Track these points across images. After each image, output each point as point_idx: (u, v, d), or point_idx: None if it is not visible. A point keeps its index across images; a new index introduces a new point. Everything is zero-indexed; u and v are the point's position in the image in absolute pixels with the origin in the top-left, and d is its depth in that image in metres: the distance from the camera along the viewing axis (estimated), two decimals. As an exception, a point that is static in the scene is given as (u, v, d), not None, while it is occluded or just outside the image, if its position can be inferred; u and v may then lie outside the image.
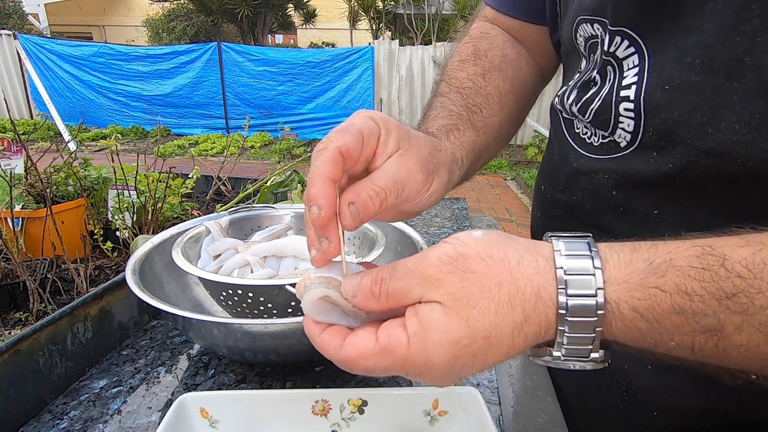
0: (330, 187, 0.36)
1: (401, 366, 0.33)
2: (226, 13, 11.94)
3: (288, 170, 1.24)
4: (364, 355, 0.34)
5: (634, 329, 0.31)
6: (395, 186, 0.38)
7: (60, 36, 11.50)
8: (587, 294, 0.31)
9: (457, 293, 0.32)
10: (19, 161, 0.99)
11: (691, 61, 0.40)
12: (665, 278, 0.30)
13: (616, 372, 0.55)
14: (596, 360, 0.33)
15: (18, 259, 0.79)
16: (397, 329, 0.33)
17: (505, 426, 0.56)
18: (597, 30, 0.49)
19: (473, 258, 0.33)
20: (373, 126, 0.38)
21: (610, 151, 0.49)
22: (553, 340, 0.33)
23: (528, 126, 7.46)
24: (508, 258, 0.33)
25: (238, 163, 1.53)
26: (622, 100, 0.46)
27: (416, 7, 10.77)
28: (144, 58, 8.32)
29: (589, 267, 0.32)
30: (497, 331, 0.31)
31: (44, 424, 0.54)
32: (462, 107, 0.56)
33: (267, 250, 0.70)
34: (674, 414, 0.52)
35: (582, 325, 0.31)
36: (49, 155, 1.05)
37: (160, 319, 0.76)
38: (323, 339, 0.36)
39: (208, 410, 0.48)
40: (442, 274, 0.32)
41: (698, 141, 0.41)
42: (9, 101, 8.69)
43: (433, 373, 0.33)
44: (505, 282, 0.32)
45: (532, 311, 0.32)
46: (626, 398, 0.55)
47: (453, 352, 0.32)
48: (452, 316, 0.31)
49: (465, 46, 0.65)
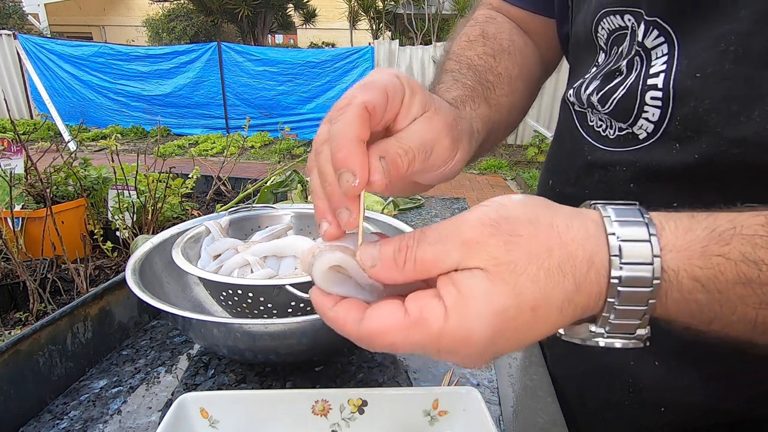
0: (362, 150, 0.31)
1: (434, 342, 0.29)
2: (226, 13, 11.94)
3: (288, 170, 1.24)
4: (391, 329, 0.29)
5: (692, 302, 0.29)
6: (423, 148, 0.35)
7: (60, 36, 11.50)
8: (643, 262, 0.28)
9: (501, 258, 0.28)
10: (19, 161, 0.99)
11: (725, 48, 0.40)
12: (730, 246, 0.28)
13: (620, 370, 0.55)
14: (640, 338, 0.31)
15: (18, 259, 0.79)
16: (430, 300, 0.29)
17: (505, 426, 0.56)
18: (628, 21, 0.48)
19: (518, 220, 0.29)
20: (398, 84, 0.35)
21: (627, 143, 0.49)
22: (597, 314, 0.30)
23: (528, 126, 7.46)
24: (556, 222, 0.30)
25: (238, 163, 1.53)
26: (649, 89, 0.45)
27: (416, 7, 10.77)
28: (144, 58, 8.32)
29: (644, 233, 0.29)
30: (546, 301, 0.28)
31: (44, 424, 0.54)
32: (475, 82, 0.53)
33: (267, 250, 0.70)
34: (678, 412, 0.52)
35: (634, 296, 0.29)
36: (49, 155, 1.05)
37: (160, 319, 0.76)
38: (338, 312, 0.32)
39: (208, 410, 0.48)
40: (484, 237, 0.29)
41: (729, 130, 0.40)
42: (9, 101, 8.69)
43: (471, 350, 0.29)
44: (555, 246, 0.29)
45: (584, 279, 0.29)
46: (631, 395, 0.54)
47: (497, 324, 0.28)
48: (497, 283, 0.28)
49: (472, 28, 0.63)
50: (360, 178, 0.31)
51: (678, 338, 0.49)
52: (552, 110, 7.22)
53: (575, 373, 0.62)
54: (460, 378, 0.63)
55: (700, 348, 0.49)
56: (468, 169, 6.18)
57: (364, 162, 0.31)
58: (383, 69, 0.36)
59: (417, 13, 10.71)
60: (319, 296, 0.32)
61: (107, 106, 8.64)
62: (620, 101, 0.48)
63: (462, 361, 0.31)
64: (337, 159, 0.31)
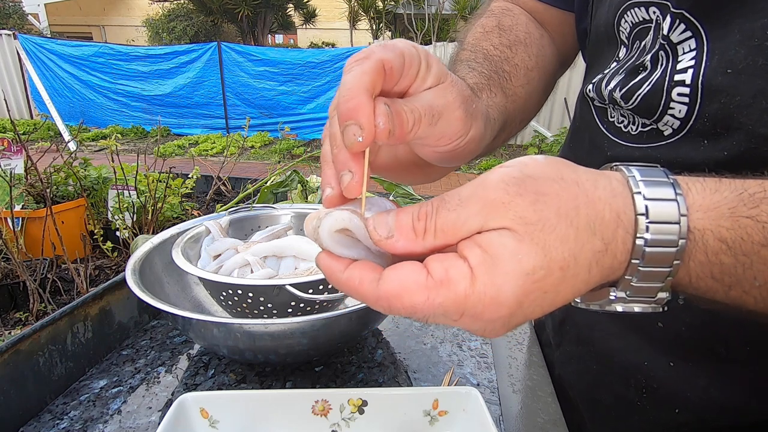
0: (371, 102, 0.29)
1: (460, 305, 0.27)
2: (226, 13, 11.94)
3: (288, 170, 1.24)
4: (413, 289, 0.27)
5: (717, 264, 0.28)
6: (430, 110, 0.33)
7: (60, 36, 11.50)
8: (669, 221, 0.27)
9: (529, 217, 0.27)
10: (19, 161, 0.99)
11: (759, 43, 0.39)
12: (759, 209, 0.27)
13: (634, 370, 0.54)
14: (661, 301, 0.30)
15: (18, 259, 0.79)
16: (455, 260, 0.27)
17: (505, 426, 0.56)
18: (653, 14, 0.48)
19: (543, 179, 0.28)
20: (416, 54, 0.33)
21: (651, 139, 0.48)
22: (620, 277, 0.29)
23: (528, 126, 7.44)
24: (581, 179, 0.29)
25: (238, 163, 1.53)
26: (677, 85, 0.44)
27: (416, 7, 10.76)
28: (144, 58, 8.31)
29: (671, 193, 0.28)
30: (575, 261, 0.27)
31: (44, 424, 0.54)
32: (492, 71, 0.52)
33: (267, 250, 0.70)
34: (694, 412, 0.51)
35: (659, 257, 0.28)
36: (49, 155, 1.05)
37: (160, 319, 0.76)
38: (351, 273, 0.29)
39: (208, 410, 0.48)
40: (509, 196, 0.27)
41: (761, 126, 0.40)
42: (9, 101, 8.69)
43: (497, 314, 0.27)
44: (582, 205, 0.28)
45: (612, 239, 0.28)
46: (644, 396, 0.54)
47: (527, 285, 0.27)
48: (526, 243, 0.26)
49: (487, 19, 0.62)
50: (366, 132, 0.29)
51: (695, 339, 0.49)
52: (552, 110, 7.23)
53: (586, 372, 0.61)
54: (460, 378, 0.63)
55: (718, 349, 0.48)
56: (468, 169, 6.18)
57: (371, 116, 0.29)
58: (403, 39, 0.34)
59: (417, 13, 10.71)
60: (327, 259, 0.30)
61: (107, 106, 8.64)
62: (645, 97, 0.47)
63: (484, 327, 0.29)
64: (343, 110, 0.30)
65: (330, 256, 0.30)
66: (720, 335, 0.48)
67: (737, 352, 0.47)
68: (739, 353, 0.47)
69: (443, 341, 0.71)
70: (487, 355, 0.68)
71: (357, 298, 0.29)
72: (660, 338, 0.52)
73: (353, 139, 0.29)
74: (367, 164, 0.31)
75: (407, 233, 0.28)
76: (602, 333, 0.58)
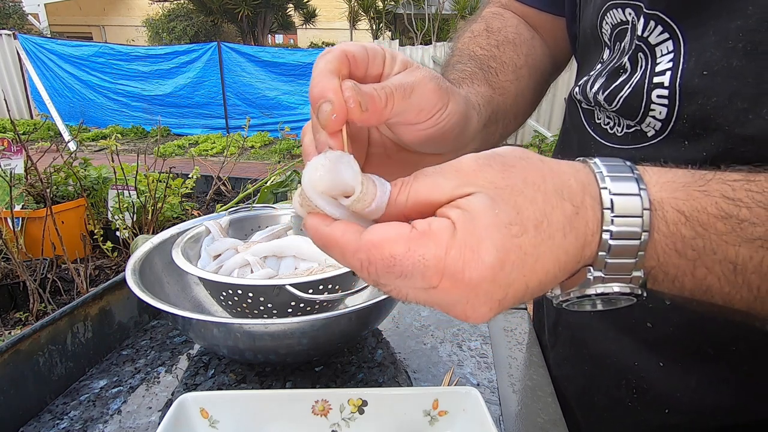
0: (336, 81, 0.31)
1: (441, 257, 0.27)
2: (226, 13, 11.94)
3: (288, 170, 1.24)
4: (395, 238, 0.27)
5: (678, 236, 0.30)
6: (401, 85, 0.34)
7: (60, 36, 11.50)
8: (631, 193, 0.29)
9: (498, 182, 0.29)
10: (19, 161, 0.99)
11: (734, 45, 0.40)
12: (709, 185, 0.29)
13: (625, 370, 0.55)
14: (636, 280, 0.31)
15: (18, 259, 0.79)
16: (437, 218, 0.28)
17: (505, 426, 0.56)
18: (629, 15, 0.48)
19: (511, 157, 0.30)
20: (378, 48, 0.36)
21: (636, 141, 0.49)
22: (594, 257, 0.30)
23: (528, 126, 7.45)
24: (545, 159, 0.31)
25: (238, 163, 1.53)
26: (656, 87, 0.45)
27: (416, 7, 10.77)
28: (144, 58, 8.31)
29: (628, 171, 0.30)
30: (548, 221, 0.28)
31: (44, 424, 0.54)
32: (476, 68, 0.54)
33: (267, 250, 0.70)
34: (686, 412, 0.51)
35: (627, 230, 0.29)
36: (49, 155, 1.05)
37: (160, 319, 0.76)
38: (336, 227, 0.29)
39: (208, 410, 0.48)
40: (479, 167, 0.29)
41: (738, 128, 0.40)
42: (9, 101, 8.69)
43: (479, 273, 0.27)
44: (548, 175, 0.29)
45: (581, 204, 0.29)
46: (635, 396, 0.54)
47: (505, 240, 0.27)
48: (498, 201, 0.28)
49: (477, 24, 0.63)
50: (337, 106, 0.30)
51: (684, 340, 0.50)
52: (552, 110, 7.23)
53: (579, 374, 0.62)
54: (460, 378, 0.63)
55: (707, 349, 0.49)
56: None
57: (338, 91, 0.30)
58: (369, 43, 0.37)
59: (417, 13, 10.71)
60: (313, 218, 0.30)
61: (107, 106, 8.64)
62: (627, 99, 0.48)
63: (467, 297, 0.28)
64: (314, 93, 0.31)
65: (314, 215, 0.30)
66: (708, 336, 0.48)
67: (725, 352, 0.48)
68: (727, 354, 0.48)
69: (443, 341, 0.71)
70: (487, 355, 0.68)
71: (336, 254, 0.30)
72: (650, 339, 0.52)
73: (328, 116, 0.30)
74: (346, 141, 0.31)
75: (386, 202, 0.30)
76: (594, 334, 0.58)
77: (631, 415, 0.55)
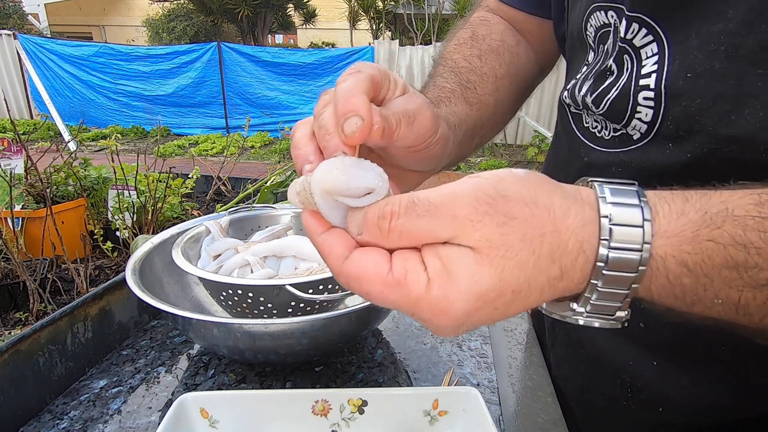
0: (368, 101, 0.32)
1: (411, 306, 0.29)
2: (226, 13, 11.94)
3: (288, 170, 1.24)
4: (371, 280, 0.29)
5: (678, 286, 0.29)
6: (406, 113, 0.36)
7: (60, 36, 11.50)
8: (632, 248, 0.28)
9: (495, 240, 0.28)
10: (19, 161, 0.99)
11: (715, 48, 0.40)
12: (721, 230, 0.28)
13: (619, 370, 0.55)
14: (619, 319, 0.31)
15: (18, 259, 0.79)
16: (416, 264, 0.29)
17: (505, 426, 0.56)
18: (611, 18, 0.49)
19: (515, 201, 0.28)
20: (385, 72, 0.38)
21: (623, 144, 0.49)
22: (580, 294, 0.30)
23: (528, 126, 7.46)
24: (554, 206, 0.29)
25: (238, 163, 1.53)
26: (642, 89, 0.45)
27: (416, 7, 10.76)
28: (145, 58, 8.31)
29: (638, 218, 0.29)
30: (529, 286, 0.28)
31: (44, 424, 0.54)
32: (455, 83, 0.55)
33: (267, 250, 0.70)
34: (680, 411, 0.52)
35: (618, 279, 0.29)
36: (49, 155, 1.05)
37: (160, 319, 0.76)
38: (325, 240, 0.31)
39: (208, 410, 0.48)
40: (479, 215, 0.28)
41: (721, 129, 0.41)
42: (9, 101, 8.68)
43: (445, 322, 0.29)
44: (548, 233, 0.28)
45: (571, 267, 0.29)
46: (630, 396, 0.55)
47: (477, 304, 0.28)
48: (485, 266, 0.28)
49: (463, 31, 0.64)
50: (365, 124, 0.31)
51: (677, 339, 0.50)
52: (552, 110, 7.22)
53: (576, 373, 0.62)
54: (460, 378, 0.63)
55: (700, 348, 0.49)
56: (468, 169, 6.18)
57: (370, 111, 0.32)
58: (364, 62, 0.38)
59: (417, 13, 10.71)
60: (310, 219, 0.32)
61: (107, 106, 8.64)
62: (614, 102, 0.49)
63: (434, 329, 0.30)
64: (344, 107, 0.32)
65: (313, 216, 0.32)
66: (699, 335, 0.48)
67: (717, 351, 0.48)
68: (719, 352, 0.48)
69: (443, 341, 0.71)
70: (487, 355, 0.68)
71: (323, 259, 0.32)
72: (643, 338, 0.53)
73: (354, 128, 0.31)
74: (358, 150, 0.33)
75: (372, 231, 0.30)
76: (589, 334, 0.59)
77: (627, 414, 0.56)
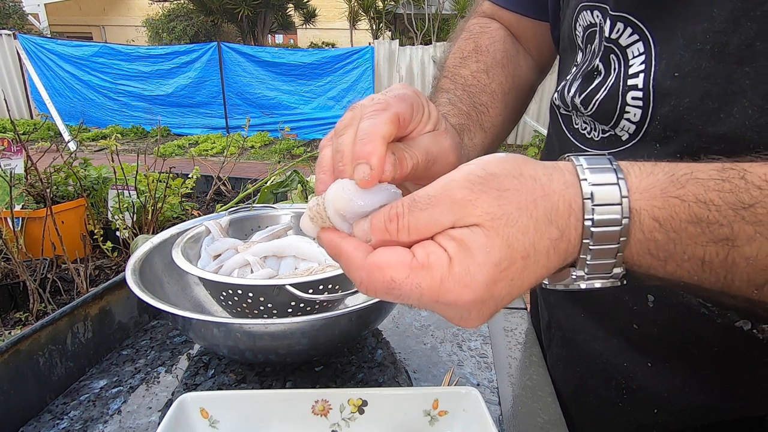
0: (385, 150, 0.33)
1: (435, 288, 0.30)
2: (226, 13, 11.94)
3: (288, 170, 1.24)
4: (397, 265, 0.30)
5: (651, 241, 0.31)
6: (426, 156, 0.37)
7: (60, 36, 11.50)
8: (613, 203, 0.31)
9: (495, 212, 0.30)
10: (19, 161, 0.99)
11: (702, 47, 0.40)
12: (685, 189, 0.31)
13: (614, 371, 0.55)
14: (617, 276, 0.33)
15: (18, 259, 0.79)
16: (436, 248, 0.30)
17: (505, 426, 0.56)
18: (596, 17, 0.49)
19: (504, 176, 0.31)
20: (421, 104, 0.38)
21: (612, 145, 0.49)
22: (576, 258, 0.32)
23: (528, 126, 7.45)
24: (538, 175, 0.32)
25: (238, 163, 1.53)
26: (630, 89, 0.46)
27: (416, 7, 10.77)
28: (145, 58, 8.32)
29: (613, 178, 0.31)
30: (535, 249, 0.30)
31: (44, 424, 0.54)
32: (470, 107, 0.56)
33: (267, 250, 0.70)
34: (675, 412, 0.52)
35: (607, 235, 0.31)
36: (49, 155, 1.05)
37: (160, 319, 0.76)
38: (348, 242, 0.32)
39: (208, 410, 0.48)
40: (475, 194, 0.30)
41: (709, 127, 0.41)
42: (9, 101, 8.68)
43: (469, 298, 0.30)
44: (539, 198, 0.31)
45: (566, 226, 0.31)
46: (625, 396, 0.55)
47: (494, 275, 0.30)
48: (492, 236, 0.30)
49: (466, 42, 0.64)
50: (374, 173, 0.32)
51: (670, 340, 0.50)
52: (552, 110, 7.22)
53: (572, 374, 0.62)
54: (460, 378, 0.63)
55: (693, 349, 0.49)
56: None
57: (382, 161, 0.33)
58: (407, 86, 0.38)
59: (417, 13, 10.71)
60: (328, 232, 0.34)
61: (108, 106, 8.64)
62: (602, 102, 0.49)
63: (459, 314, 0.31)
64: (360, 151, 0.33)
65: (331, 229, 0.34)
66: (692, 335, 0.49)
67: (709, 351, 0.48)
68: (711, 353, 0.48)
69: (443, 341, 0.71)
70: (487, 355, 0.68)
71: (344, 262, 0.33)
72: (637, 340, 0.53)
73: (362, 176, 0.33)
74: None
75: (381, 234, 0.31)
76: (585, 335, 0.59)
77: (622, 414, 0.56)
